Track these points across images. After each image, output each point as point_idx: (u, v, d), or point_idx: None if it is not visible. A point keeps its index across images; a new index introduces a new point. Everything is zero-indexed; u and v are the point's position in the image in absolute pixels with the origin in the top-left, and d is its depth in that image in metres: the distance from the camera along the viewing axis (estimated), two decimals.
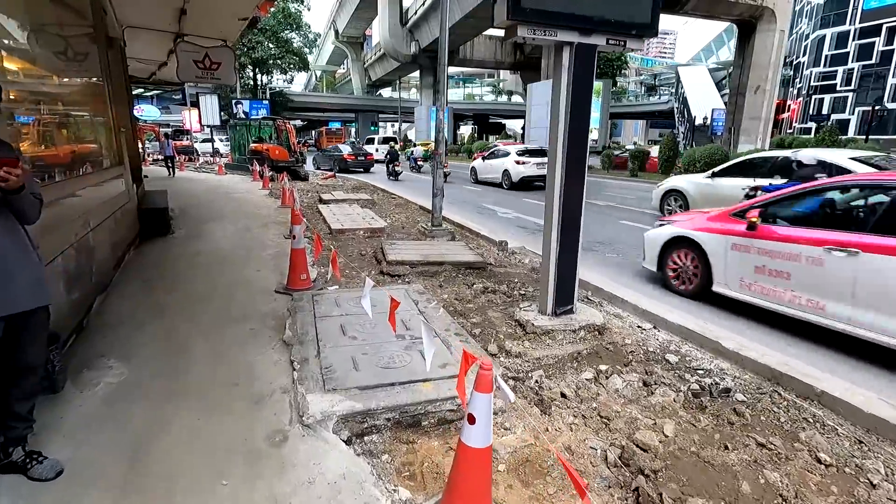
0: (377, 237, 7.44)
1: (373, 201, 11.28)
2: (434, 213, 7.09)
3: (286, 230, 7.37)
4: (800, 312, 3.81)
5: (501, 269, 5.84)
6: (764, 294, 4.08)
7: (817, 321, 3.71)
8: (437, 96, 6.76)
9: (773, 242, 3.95)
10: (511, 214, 10.43)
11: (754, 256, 4.10)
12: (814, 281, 3.68)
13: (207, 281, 4.69)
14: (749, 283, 4.18)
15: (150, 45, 10.45)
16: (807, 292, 3.74)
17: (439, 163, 6.88)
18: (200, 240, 6.59)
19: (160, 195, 8.18)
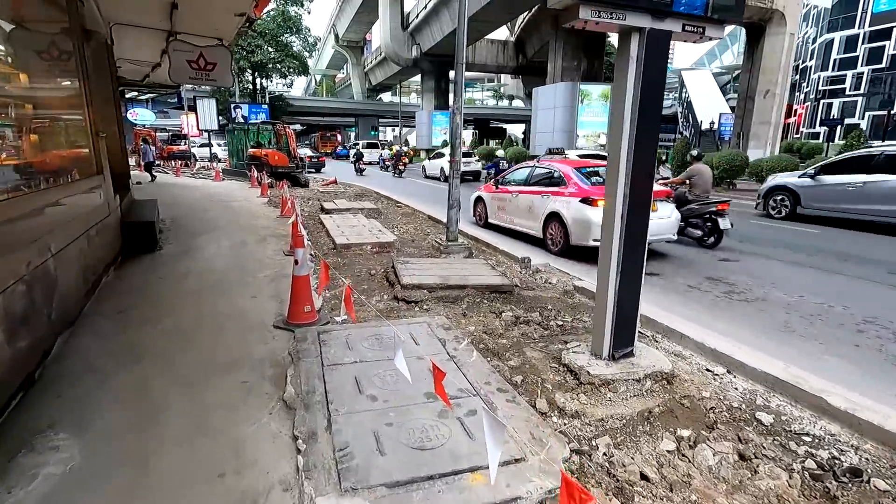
0: (386, 253, 6.76)
1: (378, 210, 10.61)
2: (449, 227, 6.43)
3: (286, 245, 6.70)
4: (507, 224, 8.56)
5: (529, 292, 5.16)
6: (499, 219, 8.85)
7: (512, 227, 8.40)
8: (456, 98, 6.10)
9: (501, 194, 8.68)
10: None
11: (497, 202, 8.87)
12: (511, 209, 8.35)
13: (195, 311, 4.01)
14: (497, 214, 8.93)
15: (141, 45, 9.81)
16: (509, 214, 8.43)
17: (456, 172, 6.22)
18: (191, 257, 5.91)
19: (149, 206, 7.50)
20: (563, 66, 22.35)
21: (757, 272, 6.27)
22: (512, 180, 8.67)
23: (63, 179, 3.96)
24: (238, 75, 42.31)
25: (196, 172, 20.98)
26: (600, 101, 22.51)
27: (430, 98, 43.42)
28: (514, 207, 8.30)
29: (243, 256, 6.04)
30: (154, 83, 14.84)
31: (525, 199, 7.95)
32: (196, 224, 8.36)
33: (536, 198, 7.63)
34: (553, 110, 22.89)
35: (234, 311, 4.06)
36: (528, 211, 7.84)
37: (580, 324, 4.27)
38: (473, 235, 7.76)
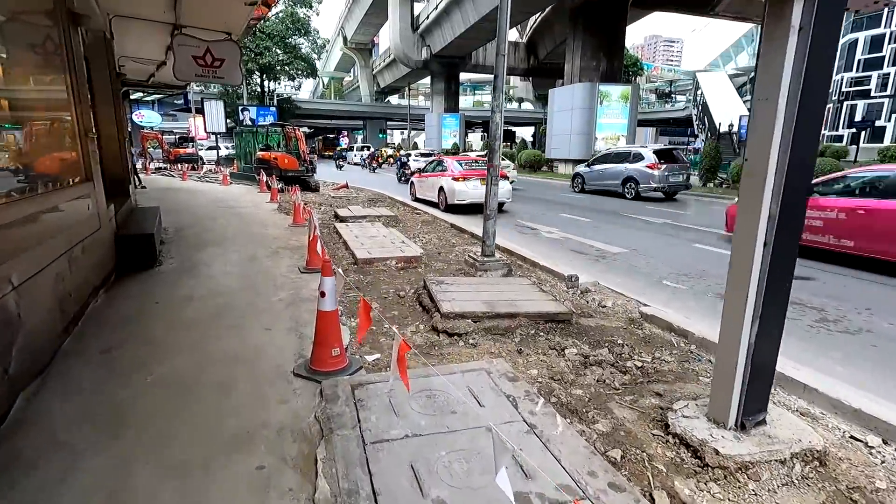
0: (413, 268, 6.01)
1: (396, 218, 9.88)
2: (486, 241, 5.67)
3: (301, 259, 5.97)
4: (427, 197, 12.71)
5: (589, 320, 4.38)
6: (424, 195, 12.98)
7: (432, 199, 12.42)
8: (495, 94, 5.35)
9: (422, 178, 13.26)
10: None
11: (420, 183, 13.23)
12: (429, 189, 12.56)
13: (196, 352, 3.27)
14: (421, 192, 13.15)
15: (144, 41, 9.15)
16: (428, 192, 12.63)
17: (494, 178, 5.46)
18: (194, 275, 5.19)
19: (149, 214, 6.81)
20: (581, 66, 21.56)
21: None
22: (427, 170, 13.64)
23: (38, 188, 3.24)
24: (246, 77, 41.93)
25: (203, 176, 20.38)
26: (620, 103, 21.70)
27: (440, 100, 42.77)
28: (427, 186, 13.01)
29: (254, 274, 5.30)
30: (160, 83, 14.23)
31: (431, 180, 12.79)
32: (202, 234, 7.66)
33: (435, 179, 12.51)
34: (570, 112, 22.10)
35: (245, 350, 3.31)
36: (432, 187, 12.60)
37: (664, 365, 3.49)
38: (507, 248, 6.99)
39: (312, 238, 5.29)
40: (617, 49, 21.77)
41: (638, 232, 9.20)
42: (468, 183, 11.36)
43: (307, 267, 5.48)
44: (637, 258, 7.09)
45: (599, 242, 8.10)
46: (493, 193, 5.54)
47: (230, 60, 8.47)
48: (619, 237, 8.62)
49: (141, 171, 21.68)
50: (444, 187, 11.71)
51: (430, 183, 12.59)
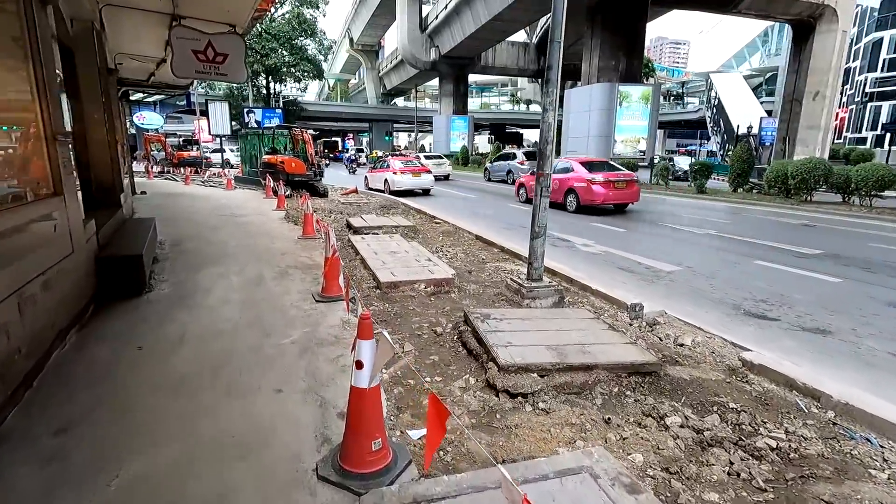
0: (446, 294, 5.15)
1: (414, 228, 9.02)
2: (533, 263, 4.80)
3: (314, 282, 5.13)
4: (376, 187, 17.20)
5: (678, 369, 3.50)
6: (375, 186, 17.34)
7: (379, 188, 16.86)
8: (548, 88, 4.49)
9: (373, 173, 17.95)
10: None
11: (371, 176, 17.90)
12: (378, 181, 17.06)
13: (182, 435, 2.41)
14: (372, 183, 17.64)
15: (140, 34, 8.36)
16: (377, 183, 17.09)
17: (545, 189, 4.59)
18: (188, 305, 4.34)
19: (141, 228, 5.99)
20: (599, 65, 20.66)
21: None
22: (377, 166, 18.35)
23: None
24: (251, 79, 41.29)
25: (207, 180, 19.63)
26: (640, 104, 20.78)
27: (449, 102, 41.96)
28: (376, 179, 17.26)
29: (260, 304, 4.45)
30: (161, 83, 13.49)
31: (378, 174, 17.21)
32: (201, 248, 6.83)
33: (381, 173, 16.97)
34: (588, 113, 21.20)
35: (249, 429, 2.45)
36: (379, 179, 16.90)
37: (808, 446, 2.60)
38: (550, 267, 6.12)
39: (332, 262, 4.44)
40: (637, 48, 20.86)
41: (685, 246, 8.30)
42: (404, 176, 16.23)
43: (323, 294, 4.63)
44: (696, 278, 6.20)
45: (647, 258, 7.21)
46: (541, 206, 4.67)
47: (234, 56, 7.67)
48: (663, 251, 7.73)
49: (143, 176, 21.02)
50: (387, 179, 16.41)
51: (378, 176, 17.28)
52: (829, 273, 6.34)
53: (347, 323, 3.98)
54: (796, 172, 12.73)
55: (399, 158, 18.23)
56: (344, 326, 3.91)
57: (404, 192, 15.81)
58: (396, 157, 18.65)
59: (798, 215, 12.01)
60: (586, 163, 12.43)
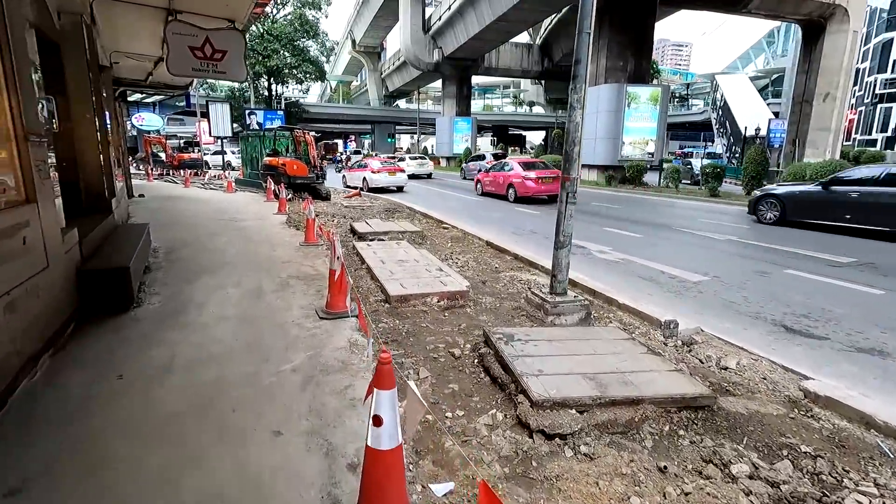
0: (461, 308, 4.74)
1: (421, 234, 8.61)
2: (557, 275, 4.38)
3: (317, 295, 4.73)
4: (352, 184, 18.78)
5: (732, 401, 3.08)
6: (352, 183, 18.84)
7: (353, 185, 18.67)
8: (575, 84, 4.09)
9: (351, 172, 19.59)
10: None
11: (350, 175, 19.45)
12: (356, 179, 18.48)
13: (163, 497, 2.00)
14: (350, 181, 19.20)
15: (136, 31, 8.00)
16: (356, 181, 18.51)
17: (571, 195, 4.18)
18: (179, 323, 3.94)
19: (133, 235, 5.59)
20: (607, 66, 20.25)
21: None
22: (355, 165, 20.09)
23: None
24: (253, 80, 40.99)
25: (207, 183, 19.26)
26: (649, 105, 20.33)
27: (452, 104, 41.55)
28: (355, 178, 18.70)
29: (258, 321, 4.05)
30: (159, 83, 13.14)
31: (357, 173, 18.71)
32: (198, 256, 6.43)
33: (360, 172, 18.43)
34: (596, 115, 20.77)
35: (241, 489, 2.04)
36: (358, 178, 18.38)
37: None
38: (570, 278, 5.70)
39: (338, 277, 4.04)
40: (646, 48, 20.45)
41: (707, 253, 7.87)
42: (380, 175, 17.83)
43: (327, 310, 4.22)
44: (726, 290, 5.77)
45: (669, 266, 6.79)
46: (567, 214, 4.25)
47: (233, 53, 7.29)
48: (685, 259, 7.30)
49: (143, 178, 20.66)
50: (365, 177, 17.96)
51: (357, 175, 18.74)
52: (869, 284, 5.91)
53: (355, 345, 3.57)
54: (815, 175, 12.29)
55: (377, 159, 21.04)
56: (352, 349, 3.50)
57: (381, 189, 17.67)
58: (374, 158, 22.08)
59: None
60: (523, 163, 15.44)
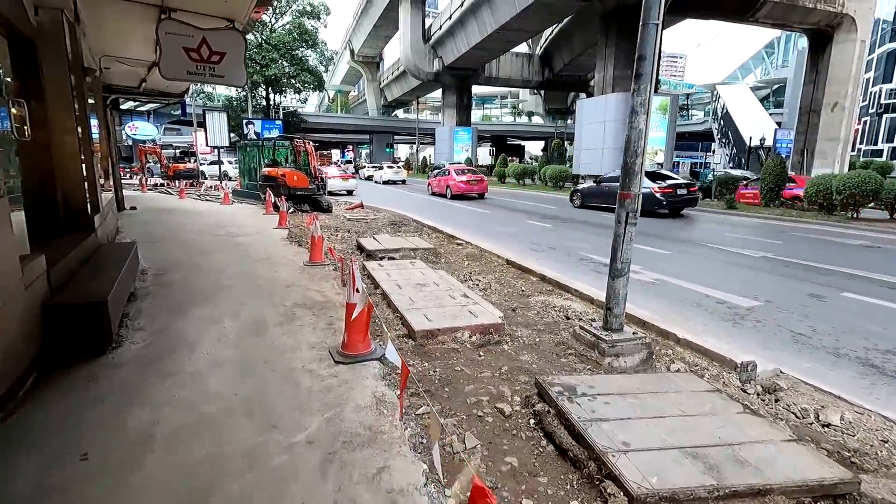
0: (496, 344, 4.07)
1: (435, 251, 7.97)
2: (612, 308, 3.73)
3: (329, 328, 4.06)
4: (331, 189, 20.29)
5: (874, 482, 2.42)
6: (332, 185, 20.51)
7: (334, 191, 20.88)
8: (639, 83, 3.49)
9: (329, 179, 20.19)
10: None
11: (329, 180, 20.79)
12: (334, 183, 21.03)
13: None
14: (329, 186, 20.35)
15: (125, 31, 7.39)
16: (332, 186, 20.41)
17: (632, 214, 3.56)
18: (164, 373, 3.25)
19: (116, 257, 4.91)
20: (614, 75, 19.81)
21: None
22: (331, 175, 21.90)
23: None
24: (251, 90, 40.49)
25: (203, 194, 18.58)
26: (658, 115, 19.88)
27: (452, 114, 41.21)
28: (334, 182, 21.03)
29: (262, 368, 3.36)
30: (153, 90, 12.52)
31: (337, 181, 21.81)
32: (191, 279, 5.75)
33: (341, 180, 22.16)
34: (602, 124, 20.29)
35: None
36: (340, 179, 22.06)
37: None
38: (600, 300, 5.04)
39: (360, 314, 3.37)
40: None
41: (746, 272, 7.25)
42: (335, 180, 21.17)
43: (344, 352, 3.54)
44: (787, 318, 5.13)
45: (711, 289, 6.16)
46: (626, 238, 3.61)
47: (232, 55, 6.68)
48: (725, 279, 6.68)
49: (136, 189, 19.97)
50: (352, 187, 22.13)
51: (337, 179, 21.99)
52: None
53: (383, 402, 2.90)
54: (843, 187, 11.74)
55: (336, 168, 26.63)
56: (379, 408, 2.83)
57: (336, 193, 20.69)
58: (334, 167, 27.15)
59: (851, 234, 11.00)
60: (457, 170, 20.65)
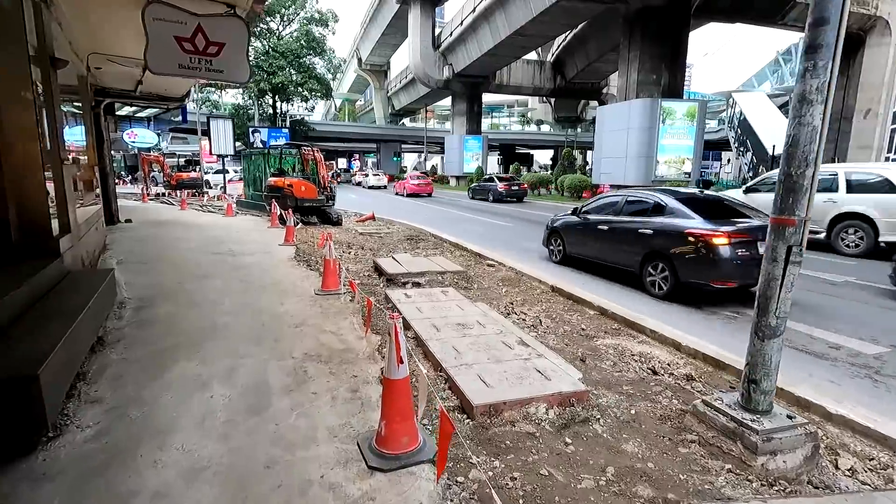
0: (586, 426, 2.95)
1: (466, 275, 6.88)
2: (760, 382, 2.61)
3: (353, 395, 2.98)
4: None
5: None
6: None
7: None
8: (816, 58, 2.41)
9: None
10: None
11: None
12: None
13: None
14: None
15: (111, 21, 6.42)
16: None
17: (796, 249, 2.47)
18: (113, 493, 2.17)
19: (81, 294, 3.86)
20: (638, 79, 18.77)
21: None
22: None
23: None
24: (257, 98, 39.87)
25: (205, 205, 17.63)
26: (685, 121, 18.78)
27: (462, 122, 40.29)
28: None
29: (262, 481, 2.26)
30: (150, 94, 11.59)
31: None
32: (179, 315, 4.69)
33: None
34: (626, 132, 19.23)
35: None
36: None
37: None
38: (674, 340, 3.91)
39: (403, 391, 2.29)
40: (680, 60, 18.97)
41: (839, 303, 6.10)
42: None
43: (380, 449, 2.43)
44: None
45: (813, 328, 5.02)
46: (785, 284, 2.51)
47: (233, 46, 5.66)
48: (818, 313, 5.54)
49: (137, 199, 19.08)
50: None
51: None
52: None
53: None
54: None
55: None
56: None
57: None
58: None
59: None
60: (411, 176, 29.57)
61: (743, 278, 5.61)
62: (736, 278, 5.59)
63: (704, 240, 5.64)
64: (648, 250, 6.30)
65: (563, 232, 8.10)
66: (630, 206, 6.95)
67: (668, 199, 6.41)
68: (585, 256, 7.67)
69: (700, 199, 6.57)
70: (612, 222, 7.05)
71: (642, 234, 6.39)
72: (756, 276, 2.80)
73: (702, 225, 5.80)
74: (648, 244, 6.29)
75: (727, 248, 5.50)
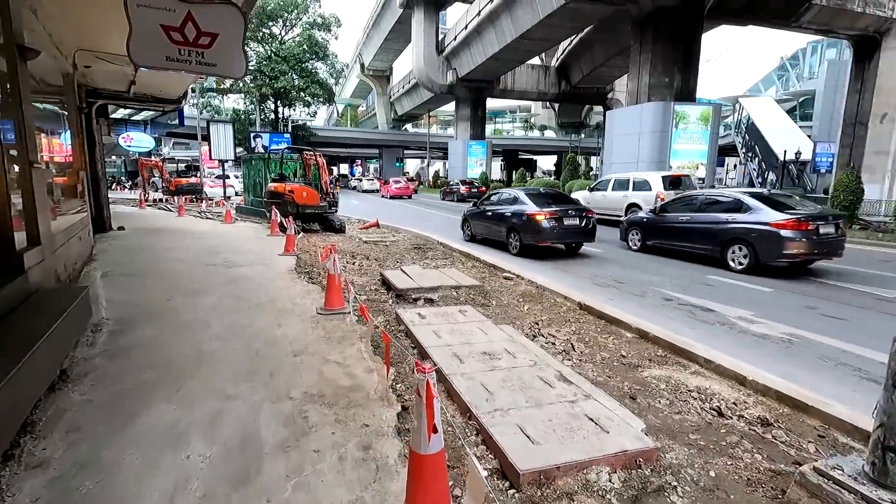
0: (658, 497, 2.33)
1: (482, 290, 6.27)
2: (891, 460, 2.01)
3: (364, 452, 2.33)
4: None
5: None
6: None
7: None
8: None
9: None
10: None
11: None
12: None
13: None
14: None
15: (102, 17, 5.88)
16: None
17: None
18: None
19: (42, 318, 3.25)
20: (650, 82, 18.21)
21: None
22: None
23: None
24: (259, 103, 39.48)
25: (204, 211, 17.08)
26: (699, 125, 18.20)
27: (465, 127, 39.83)
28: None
29: None
30: (145, 95, 11.04)
31: None
32: (160, 341, 4.08)
33: None
34: (637, 136, 18.65)
35: None
36: None
37: None
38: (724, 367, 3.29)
39: (439, 476, 1.67)
40: (693, 63, 18.41)
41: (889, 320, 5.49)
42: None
43: None
44: None
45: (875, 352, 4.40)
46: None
47: (226, 37, 5.08)
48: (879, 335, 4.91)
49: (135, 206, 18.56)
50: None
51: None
52: None
53: None
54: None
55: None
56: None
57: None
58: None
59: None
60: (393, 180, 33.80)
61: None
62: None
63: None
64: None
65: (470, 218, 11.70)
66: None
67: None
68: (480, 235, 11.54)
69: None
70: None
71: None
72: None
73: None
74: None
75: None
